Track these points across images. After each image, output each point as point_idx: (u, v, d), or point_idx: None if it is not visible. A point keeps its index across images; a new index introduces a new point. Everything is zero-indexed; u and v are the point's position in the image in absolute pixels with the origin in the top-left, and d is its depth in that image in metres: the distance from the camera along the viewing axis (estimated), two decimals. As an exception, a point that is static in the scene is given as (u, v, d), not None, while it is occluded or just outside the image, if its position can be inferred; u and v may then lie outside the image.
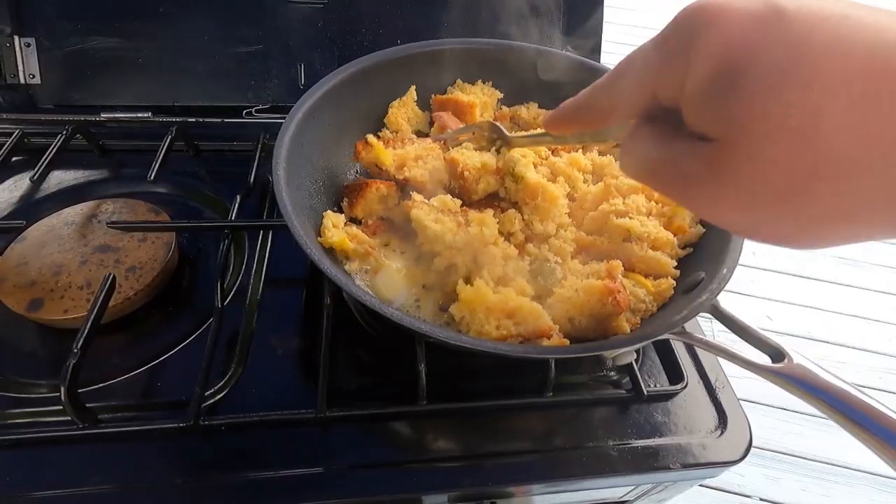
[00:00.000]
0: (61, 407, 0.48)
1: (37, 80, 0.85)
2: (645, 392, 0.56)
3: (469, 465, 0.53)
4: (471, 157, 0.59)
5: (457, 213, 0.56)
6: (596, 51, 0.93)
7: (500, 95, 0.74)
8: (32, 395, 0.54)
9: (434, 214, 0.55)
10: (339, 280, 0.44)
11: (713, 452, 0.55)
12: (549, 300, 0.51)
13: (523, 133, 0.62)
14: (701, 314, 0.47)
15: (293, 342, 0.60)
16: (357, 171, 0.69)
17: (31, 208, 0.71)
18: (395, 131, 0.67)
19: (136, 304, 0.61)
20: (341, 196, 0.64)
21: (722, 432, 0.57)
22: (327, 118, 0.64)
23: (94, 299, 0.52)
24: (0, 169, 0.72)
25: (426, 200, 0.58)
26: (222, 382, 0.56)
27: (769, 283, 2.16)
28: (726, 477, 1.64)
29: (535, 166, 0.61)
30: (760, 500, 1.61)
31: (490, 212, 0.57)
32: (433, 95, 0.73)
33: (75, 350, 0.49)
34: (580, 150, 0.64)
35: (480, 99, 0.72)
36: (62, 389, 0.47)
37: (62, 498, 0.47)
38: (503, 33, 0.85)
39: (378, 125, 0.70)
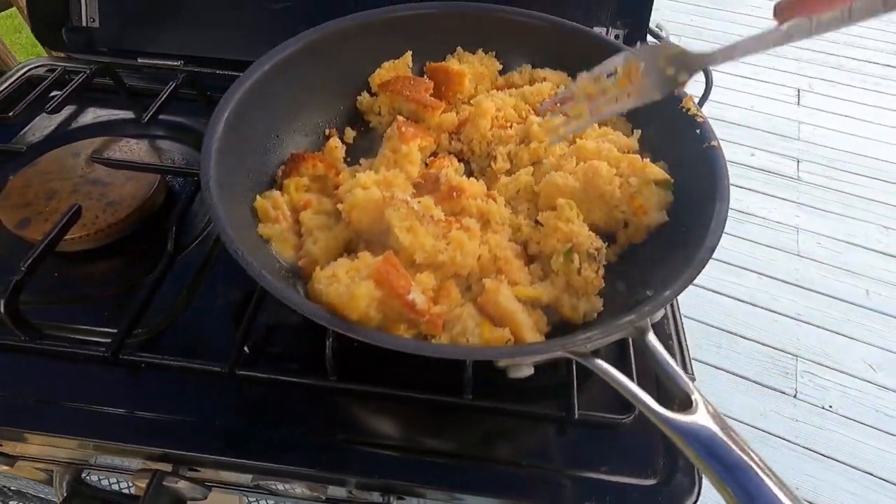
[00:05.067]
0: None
1: (96, 24, 0.93)
2: (576, 415, 0.49)
3: (358, 451, 0.50)
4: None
5: (439, 222, 0.48)
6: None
7: (500, 66, 0.67)
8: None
9: (410, 221, 0.47)
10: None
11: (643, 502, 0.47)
12: None
13: (723, 46, 0.42)
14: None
15: (237, 296, 0.61)
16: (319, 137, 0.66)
17: (61, 137, 0.78)
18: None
19: (110, 237, 0.65)
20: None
21: (663, 483, 0.48)
22: (306, 73, 0.62)
23: (54, 226, 0.56)
24: (41, 101, 0.79)
25: (408, 200, 0.49)
26: (157, 323, 0.58)
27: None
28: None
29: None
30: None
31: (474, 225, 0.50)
32: (427, 62, 0.68)
33: (22, 268, 0.53)
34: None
35: (476, 69, 0.66)
36: (1, 302, 0.51)
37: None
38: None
39: (359, 87, 0.67)
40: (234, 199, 0.53)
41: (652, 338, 0.37)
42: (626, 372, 0.52)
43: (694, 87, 0.77)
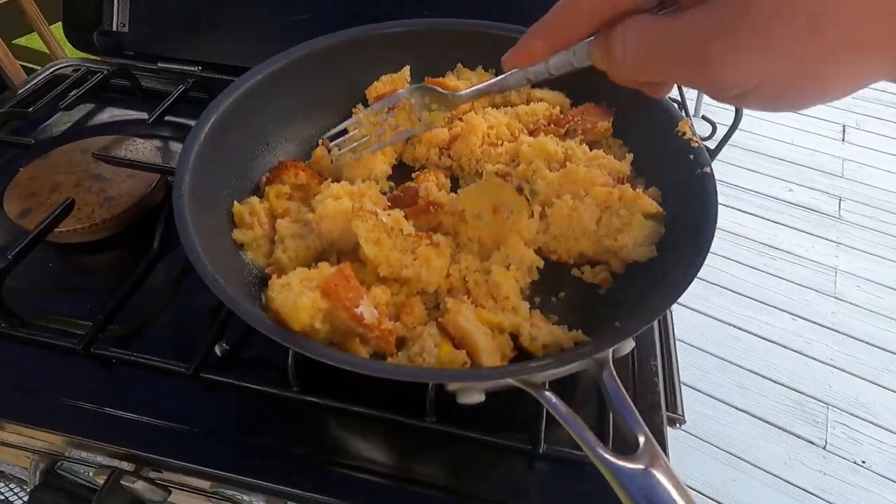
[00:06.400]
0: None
1: (125, 29, 0.97)
2: (542, 448, 0.46)
3: (317, 468, 0.48)
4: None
5: (409, 237, 0.47)
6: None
7: (498, 83, 0.66)
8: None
9: (377, 233, 0.46)
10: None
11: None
12: None
13: (469, 89, 0.51)
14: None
15: (216, 298, 0.60)
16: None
17: (75, 134, 0.81)
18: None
19: (104, 231, 0.66)
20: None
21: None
22: (303, 83, 0.62)
23: (44, 218, 0.58)
24: (61, 98, 0.82)
25: (378, 211, 0.48)
26: (135, 319, 0.58)
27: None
28: None
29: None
30: None
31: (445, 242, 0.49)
32: (426, 77, 0.68)
33: (8, 256, 0.54)
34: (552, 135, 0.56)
35: (473, 84, 0.65)
36: (-17, 289, 0.52)
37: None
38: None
39: (355, 99, 0.67)
40: (213, 203, 0.53)
41: (609, 374, 0.35)
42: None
43: (725, 115, 0.73)
